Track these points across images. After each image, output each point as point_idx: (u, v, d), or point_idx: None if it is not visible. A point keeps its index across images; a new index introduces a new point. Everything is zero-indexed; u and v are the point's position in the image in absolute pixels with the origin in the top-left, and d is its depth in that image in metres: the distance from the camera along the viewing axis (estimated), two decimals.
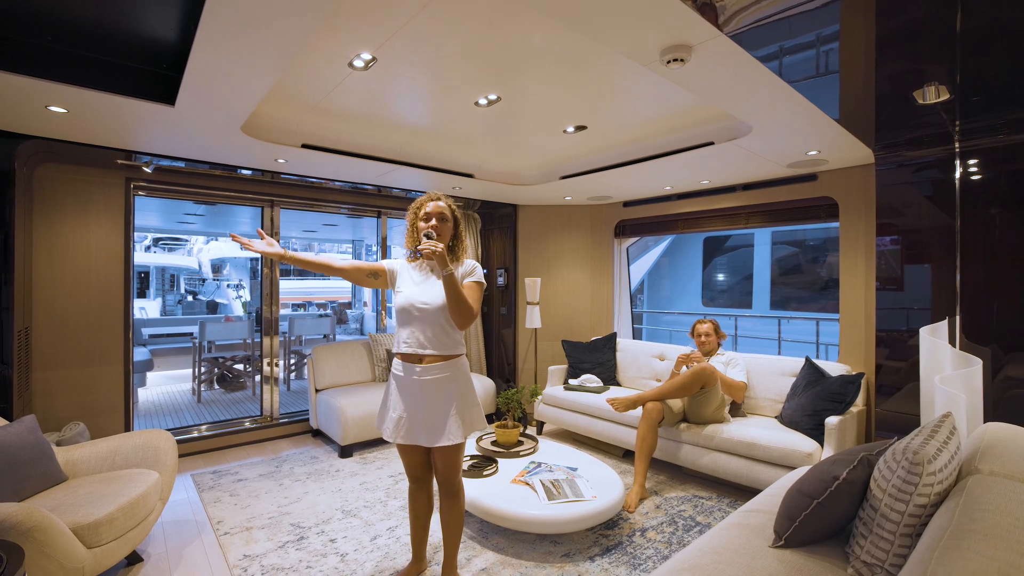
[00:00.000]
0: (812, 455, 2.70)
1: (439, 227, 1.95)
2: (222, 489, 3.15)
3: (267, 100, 2.63)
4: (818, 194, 3.57)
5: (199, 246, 16.94)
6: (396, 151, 3.43)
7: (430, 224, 1.94)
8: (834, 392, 2.90)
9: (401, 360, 1.95)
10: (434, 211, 1.97)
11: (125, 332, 3.50)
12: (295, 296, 15.20)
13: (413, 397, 1.92)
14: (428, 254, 1.80)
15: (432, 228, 1.93)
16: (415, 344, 1.91)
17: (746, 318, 9.02)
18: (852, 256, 3.40)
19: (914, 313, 3.02)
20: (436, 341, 1.90)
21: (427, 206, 1.98)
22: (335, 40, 1.97)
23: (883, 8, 1.68)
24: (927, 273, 2.98)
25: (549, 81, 2.41)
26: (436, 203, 1.99)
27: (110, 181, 3.40)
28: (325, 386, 4.18)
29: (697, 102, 2.69)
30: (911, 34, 1.86)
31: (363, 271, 2.01)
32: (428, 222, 1.96)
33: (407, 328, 1.93)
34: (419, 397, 1.91)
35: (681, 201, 4.43)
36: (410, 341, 1.92)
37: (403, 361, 1.94)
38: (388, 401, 2.01)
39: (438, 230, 1.94)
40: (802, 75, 2.23)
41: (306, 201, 4.40)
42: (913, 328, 2.93)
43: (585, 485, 2.60)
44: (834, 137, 2.76)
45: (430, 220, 1.96)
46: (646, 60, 1.82)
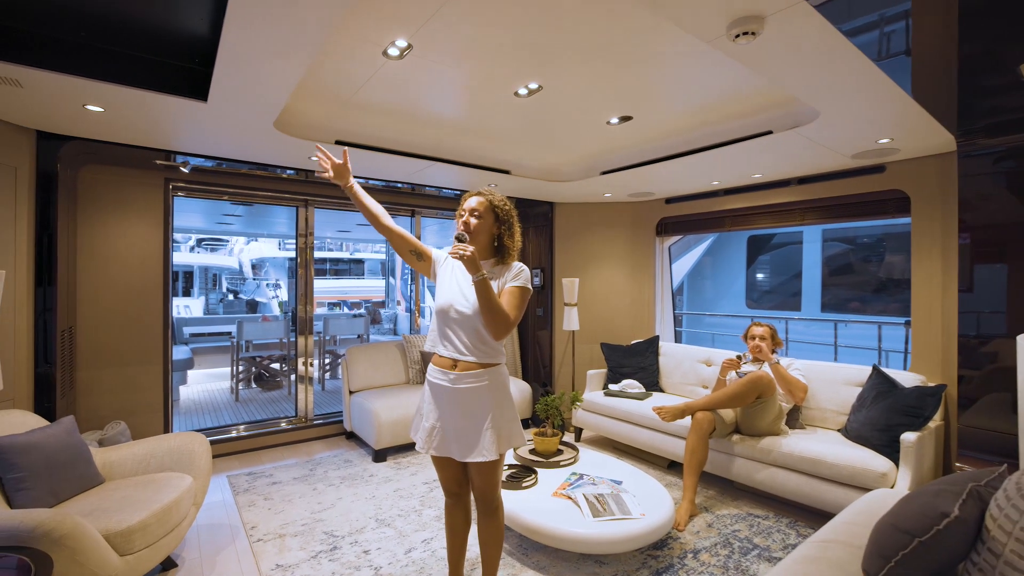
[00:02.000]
0: (887, 475, 2.43)
1: (474, 224, 1.78)
2: (256, 492, 3.12)
3: (300, 97, 2.56)
4: (886, 187, 3.27)
5: (240, 246, 17.47)
6: (431, 147, 3.32)
7: (463, 220, 1.79)
8: (910, 405, 2.61)
9: (435, 364, 1.82)
10: (468, 206, 1.81)
11: (164, 332, 3.52)
12: (330, 295, 15.48)
13: (446, 406, 1.78)
14: (456, 257, 1.66)
15: (464, 225, 1.78)
16: (452, 349, 1.78)
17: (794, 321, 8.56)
18: (926, 255, 3.08)
19: (1005, 318, 2.70)
20: (474, 348, 1.76)
21: (467, 200, 1.83)
22: (368, 25, 1.86)
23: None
24: (1020, 273, 2.66)
25: (593, 67, 2.24)
26: (476, 197, 1.83)
27: (149, 182, 3.42)
28: (359, 388, 4.12)
29: (754, 88, 2.46)
30: None
31: (409, 244, 1.87)
32: (460, 217, 1.81)
33: (444, 330, 1.80)
34: (453, 407, 1.77)
35: (728, 197, 4.17)
36: (447, 344, 1.79)
37: (437, 365, 1.81)
38: (422, 408, 1.88)
39: (472, 227, 1.78)
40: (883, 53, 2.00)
41: (340, 200, 4.36)
42: (1007, 334, 2.61)
43: (632, 501, 2.42)
44: (911, 122, 2.48)
45: (462, 216, 1.81)
46: (710, 35, 1.63)
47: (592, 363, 4.75)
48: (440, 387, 1.79)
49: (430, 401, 1.84)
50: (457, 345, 1.77)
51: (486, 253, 1.85)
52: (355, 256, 18.52)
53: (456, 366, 1.76)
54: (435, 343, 1.83)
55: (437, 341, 1.82)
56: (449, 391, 1.76)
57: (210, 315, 12.54)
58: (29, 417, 2.32)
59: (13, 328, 2.54)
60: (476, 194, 1.84)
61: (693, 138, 3.13)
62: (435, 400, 1.81)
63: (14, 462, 2.01)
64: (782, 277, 11.65)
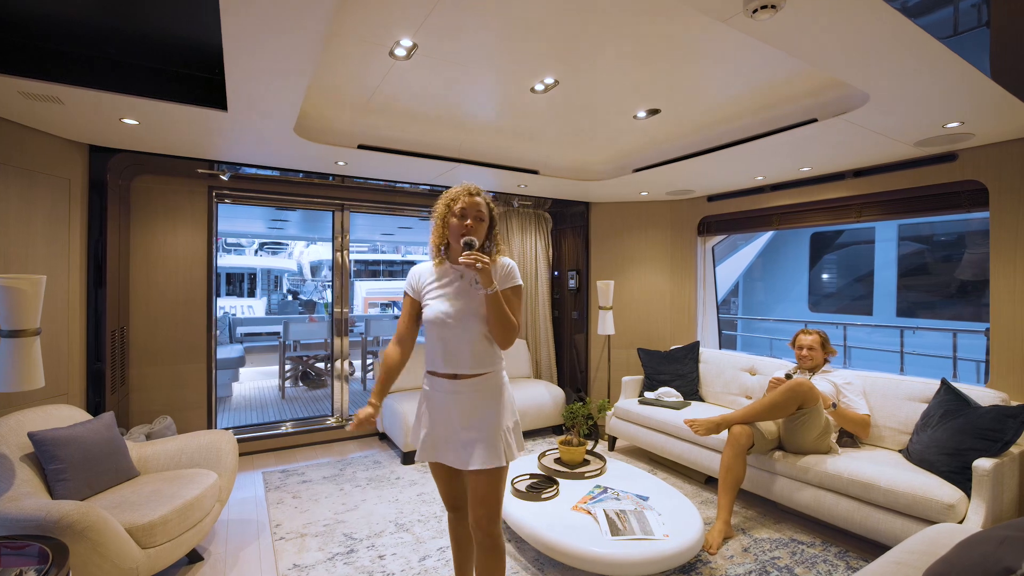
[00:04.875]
0: (955, 507, 2.13)
1: (476, 228, 1.65)
2: (286, 490, 3.19)
3: (319, 103, 2.59)
4: (958, 178, 2.90)
5: (300, 249, 18.40)
6: (455, 148, 3.29)
7: (466, 224, 1.64)
8: (986, 427, 2.28)
9: (433, 376, 1.73)
10: (470, 208, 1.66)
11: (208, 331, 3.69)
12: (382, 296, 15.93)
13: (442, 411, 1.70)
14: (470, 267, 1.55)
15: (466, 230, 1.63)
16: (451, 364, 1.67)
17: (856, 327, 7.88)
18: (1009, 254, 2.70)
19: None
20: (474, 359, 1.66)
21: (461, 200, 1.66)
22: (370, 27, 1.83)
23: None
24: None
25: (612, 59, 2.11)
26: (473, 198, 1.68)
27: (194, 189, 3.61)
28: (391, 389, 4.15)
29: (792, 71, 2.24)
30: None
31: (415, 322, 1.79)
32: (463, 220, 1.65)
33: (440, 344, 1.68)
34: (449, 411, 1.69)
35: (776, 193, 3.86)
36: (446, 359, 1.68)
37: (435, 377, 1.72)
38: (420, 419, 1.79)
39: (475, 232, 1.65)
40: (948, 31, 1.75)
41: (374, 204, 4.42)
42: None
43: (656, 519, 2.26)
44: (986, 101, 2.16)
45: (465, 218, 1.65)
46: (726, 14, 1.47)
47: (629, 369, 4.56)
48: (437, 395, 1.71)
49: (426, 411, 1.76)
50: (456, 359, 1.67)
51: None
52: (406, 258, 19.02)
53: (456, 378, 1.68)
54: (433, 360, 1.71)
55: (436, 358, 1.69)
56: (446, 397, 1.69)
57: (271, 315, 13.26)
58: (75, 411, 2.47)
59: (67, 329, 2.73)
60: (470, 193, 1.69)
61: (730, 130, 2.91)
62: (433, 407, 1.73)
63: (55, 454, 2.14)
64: (848, 278, 10.80)
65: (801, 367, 2.97)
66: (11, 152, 2.41)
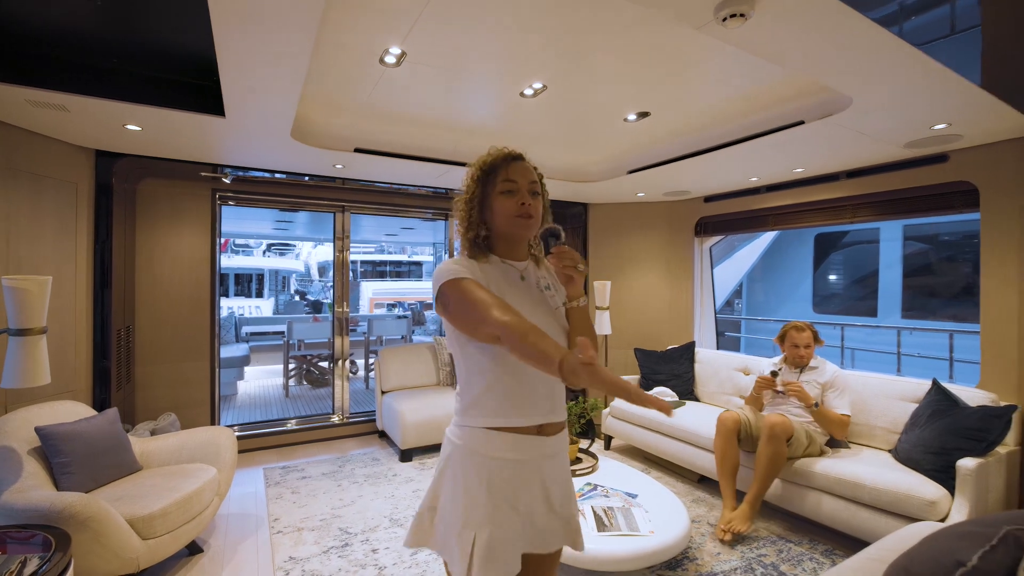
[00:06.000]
0: (937, 505, 2.15)
1: (535, 207, 1.16)
2: (286, 485, 3.27)
3: (315, 107, 2.66)
4: (949, 178, 2.91)
5: (307, 250, 18.59)
6: (451, 151, 3.34)
7: (522, 204, 1.14)
8: (970, 427, 2.30)
9: (501, 434, 1.11)
10: (521, 178, 1.16)
11: (211, 330, 3.78)
12: (388, 297, 16.06)
13: (530, 489, 1.14)
14: (570, 272, 1.16)
15: (525, 209, 1.14)
16: (541, 410, 1.14)
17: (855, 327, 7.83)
18: (999, 254, 2.71)
19: None
20: (562, 400, 1.21)
21: (504, 168, 1.17)
22: (359, 37, 1.89)
23: None
24: None
25: (599, 65, 2.16)
26: (521, 162, 1.19)
27: (197, 192, 3.70)
28: (390, 388, 4.23)
29: (778, 74, 2.27)
30: None
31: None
32: (513, 196, 1.14)
33: (519, 380, 1.11)
34: (542, 487, 1.15)
35: (771, 194, 3.88)
36: (533, 403, 1.13)
37: (508, 435, 1.12)
38: (472, 511, 1.09)
39: (535, 213, 1.17)
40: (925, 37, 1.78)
41: (374, 205, 4.50)
42: None
43: (642, 516, 2.30)
44: (971, 105, 2.19)
45: (515, 194, 1.15)
46: (699, 22, 1.51)
47: (626, 369, 4.59)
48: (522, 467, 1.12)
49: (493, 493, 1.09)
50: (551, 404, 1.16)
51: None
52: (413, 259, 19.15)
53: (547, 432, 1.15)
54: (502, 408, 1.11)
55: (510, 403, 1.12)
56: (543, 466, 1.15)
57: (278, 315, 13.42)
58: (80, 408, 2.56)
59: (74, 328, 2.82)
60: (512, 156, 1.20)
61: (722, 132, 2.94)
62: (512, 486, 1.11)
63: (61, 448, 2.23)
64: (853, 279, 10.73)
65: (793, 365, 2.96)
66: (20, 157, 2.50)
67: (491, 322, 0.99)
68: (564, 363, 0.87)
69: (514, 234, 1.19)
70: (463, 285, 1.07)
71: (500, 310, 1.00)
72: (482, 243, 1.20)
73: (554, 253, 1.16)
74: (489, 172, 1.19)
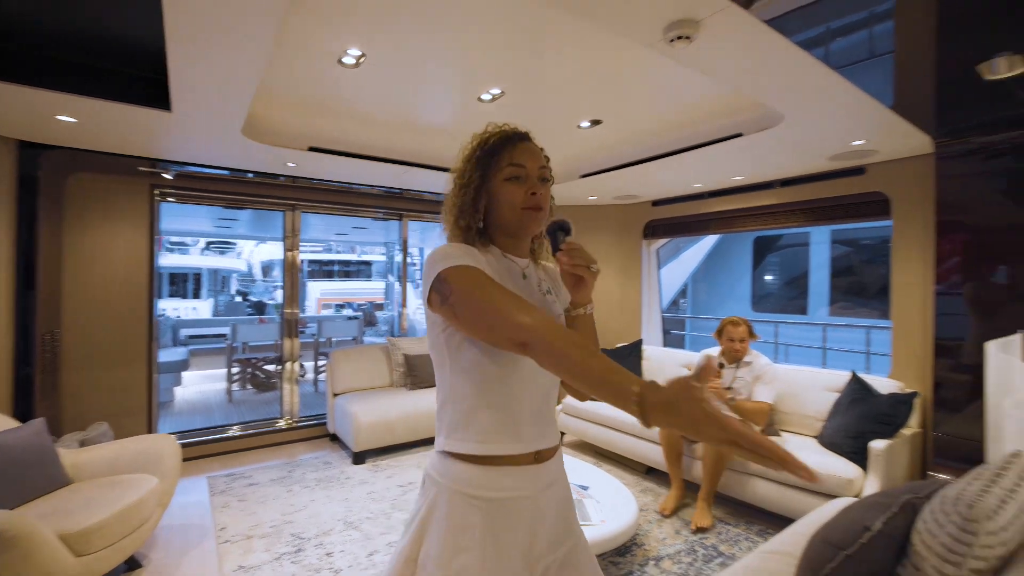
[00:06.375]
0: (854, 482, 2.39)
1: (544, 196, 0.99)
2: (232, 493, 3.15)
3: (269, 104, 2.60)
4: (867, 189, 3.21)
5: (250, 248, 17.74)
6: (409, 152, 3.34)
7: (532, 194, 0.97)
8: (882, 412, 2.56)
9: (491, 469, 0.92)
10: (531, 162, 0.99)
11: (149, 334, 3.58)
12: (336, 297, 15.61)
13: (527, 528, 0.95)
14: (582, 274, 0.98)
15: (535, 199, 0.97)
16: (535, 434, 0.96)
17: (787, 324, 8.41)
18: (906, 257, 3.02)
19: None
20: (554, 419, 1.04)
21: (516, 149, 1.00)
22: (318, 37, 1.88)
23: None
24: (998, 276, 2.60)
25: (556, 72, 2.24)
26: (528, 143, 1.03)
27: (134, 188, 3.49)
28: (342, 390, 4.16)
29: (723, 89, 2.44)
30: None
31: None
32: (521, 183, 0.97)
33: (514, 398, 0.94)
34: (542, 524, 0.97)
35: (714, 199, 4.13)
36: (529, 424, 0.95)
37: (501, 469, 0.93)
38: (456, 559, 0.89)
39: (544, 202, 0.99)
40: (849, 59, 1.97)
41: (327, 204, 4.40)
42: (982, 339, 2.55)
43: (594, 507, 2.40)
44: (883, 124, 2.44)
45: (524, 180, 0.98)
46: (648, 40, 1.62)
47: None
48: (519, 503, 0.93)
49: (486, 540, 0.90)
50: (544, 426, 0.99)
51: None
52: (363, 258, 18.69)
53: (538, 457, 0.97)
54: (494, 431, 0.92)
55: (503, 426, 0.93)
56: (541, 498, 0.96)
57: (219, 317, 12.75)
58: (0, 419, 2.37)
59: None
60: (525, 135, 1.05)
61: (669, 140, 3.11)
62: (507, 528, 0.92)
63: None
64: (787, 279, 11.49)
65: (729, 359, 3.14)
66: None
67: (517, 325, 0.79)
68: (650, 397, 0.65)
69: (520, 228, 0.99)
70: (472, 274, 0.86)
71: (527, 311, 0.80)
72: (479, 233, 1.02)
73: (564, 250, 0.98)
74: (491, 153, 0.99)
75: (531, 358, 0.79)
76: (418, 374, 4.23)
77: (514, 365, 0.92)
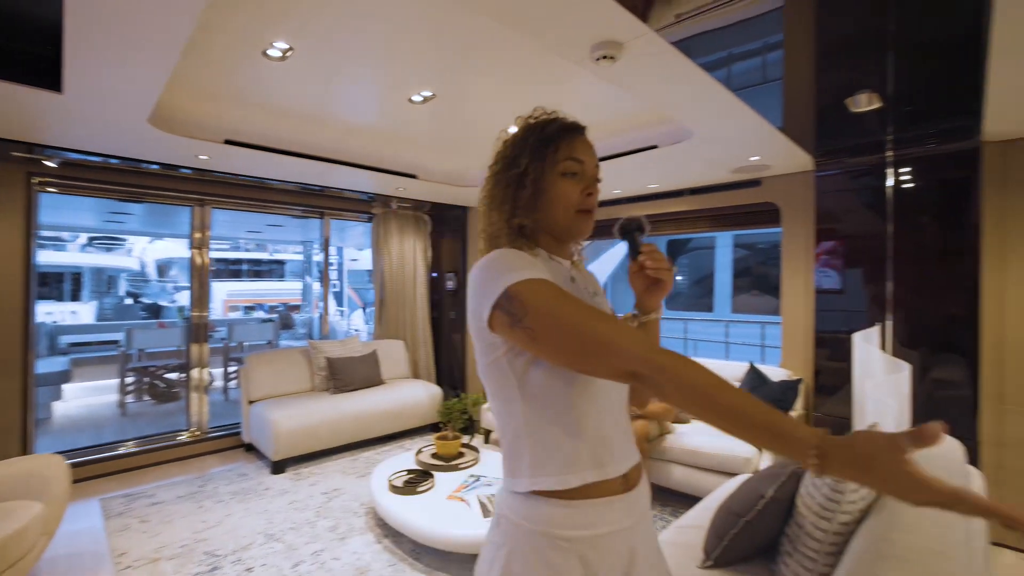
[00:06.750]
0: (751, 460, 2.68)
1: (596, 196, 0.90)
2: (132, 515, 2.88)
3: (183, 92, 2.41)
4: (762, 199, 3.60)
5: (142, 245, 16.01)
6: (333, 149, 3.24)
7: (589, 193, 0.88)
8: (774, 398, 2.90)
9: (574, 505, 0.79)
10: (589, 159, 0.89)
11: (24, 342, 3.16)
12: (245, 299, 14.58)
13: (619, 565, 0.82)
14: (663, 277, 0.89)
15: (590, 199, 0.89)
16: (619, 457, 0.84)
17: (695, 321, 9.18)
18: (793, 261, 3.43)
19: (852, 316, 3.07)
20: (631, 427, 0.91)
21: (575, 143, 0.88)
22: (245, 26, 1.79)
23: (821, 18, 1.65)
24: (863, 277, 3.04)
25: (487, 79, 2.30)
26: (584, 137, 0.91)
27: (7, 176, 3.07)
28: (259, 397, 3.92)
29: (642, 104, 2.63)
30: (846, 44, 1.85)
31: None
32: (577, 180, 0.87)
33: (601, 421, 0.83)
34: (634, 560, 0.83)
35: (631, 204, 4.40)
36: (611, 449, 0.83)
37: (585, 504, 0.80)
38: None
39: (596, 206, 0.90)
40: (748, 82, 2.21)
41: (241, 201, 4.13)
42: (850, 330, 2.97)
43: None
44: (775, 143, 2.76)
45: (580, 177, 0.87)
46: (576, 57, 1.73)
47: None
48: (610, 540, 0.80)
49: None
50: (626, 447, 0.86)
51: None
52: (275, 257, 17.58)
53: (628, 482, 0.85)
54: (584, 460, 0.80)
55: (584, 452, 0.80)
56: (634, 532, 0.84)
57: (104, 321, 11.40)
58: None
59: None
60: (582, 128, 0.93)
61: None
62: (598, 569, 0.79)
63: None
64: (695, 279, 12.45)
65: None
66: None
67: (628, 355, 0.67)
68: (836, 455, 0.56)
69: (571, 232, 0.89)
70: (548, 290, 0.75)
71: (627, 334, 0.70)
72: (523, 231, 0.88)
73: (645, 252, 0.88)
74: (547, 141, 0.87)
75: (643, 388, 0.68)
76: (341, 377, 4.11)
77: (587, 381, 0.80)
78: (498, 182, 0.91)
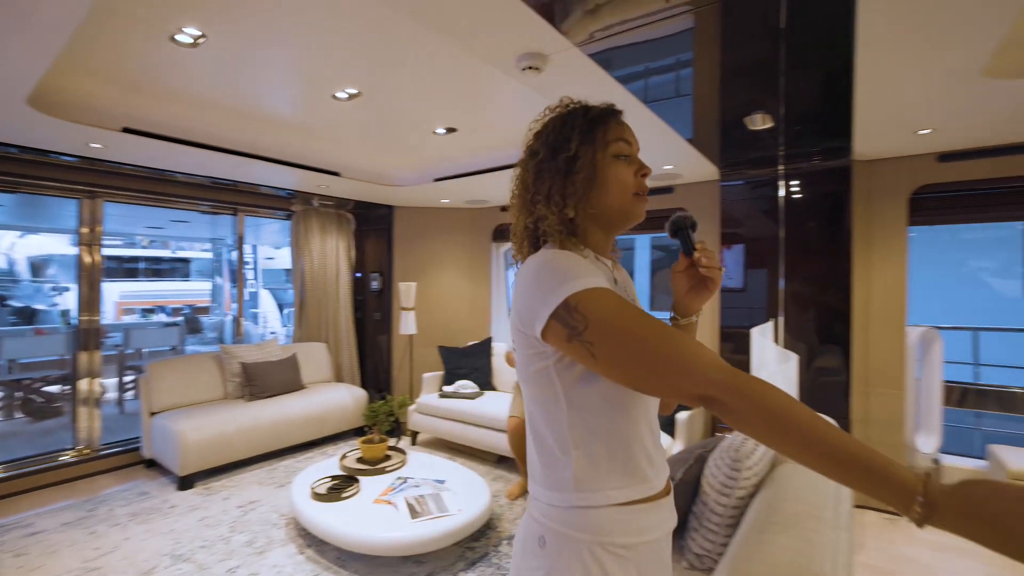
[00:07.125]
0: (667, 450, 2.90)
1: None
2: (5, 548, 2.54)
3: (72, 73, 2.17)
4: (674, 205, 3.88)
5: (9, 241, 13.99)
6: (249, 143, 3.06)
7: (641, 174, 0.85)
8: None
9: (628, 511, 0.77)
10: (636, 144, 0.88)
11: None
12: (142, 301, 13.23)
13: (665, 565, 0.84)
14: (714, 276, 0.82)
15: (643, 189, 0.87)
16: (659, 461, 0.82)
17: None
18: None
19: (753, 312, 3.41)
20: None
21: (622, 125, 0.87)
22: (152, 7, 1.66)
23: (725, 41, 1.82)
24: (761, 278, 3.38)
25: (415, 80, 2.29)
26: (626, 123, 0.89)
27: None
28: (162, 407, 3.61)
29: None
30: (746, 67, 2.05)
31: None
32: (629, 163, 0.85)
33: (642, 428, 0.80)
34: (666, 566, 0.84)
35: None
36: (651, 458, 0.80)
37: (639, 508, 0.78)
38: None
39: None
40: (664, 94, 2.38)
41: (140, 194, 3.76)
42: (751, 325, 3.30)
43: (451, 498, 2.52)
44: (685, 154, 2.99)
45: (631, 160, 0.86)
46: (504, 66, 1.78)
47: (432, 366, 4.80)
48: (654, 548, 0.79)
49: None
50: (660, 446, 0.85)
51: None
52: (178, 255, 16.10)
53: (667, 487, 0.83)
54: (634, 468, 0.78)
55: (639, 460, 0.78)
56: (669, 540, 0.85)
57: None
58: None
59: None
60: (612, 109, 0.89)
61: (516, 153, 3.36)
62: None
63: None
64: None
65: None
66: None
67: (702, 379, 0.64)
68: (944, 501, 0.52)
69: (627, 217, 0.84)
70: (612, 301, 0.70)
71: (698, 353, 0.66)
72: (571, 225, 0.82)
73: (699, 249, 0.82)
74: (595, 122, 0.83)
75: (712, 411, 0.65)
76: (258, 383, 3.88)
77: (639, 396, 0.77)
78: (540, 172, 0.83)
